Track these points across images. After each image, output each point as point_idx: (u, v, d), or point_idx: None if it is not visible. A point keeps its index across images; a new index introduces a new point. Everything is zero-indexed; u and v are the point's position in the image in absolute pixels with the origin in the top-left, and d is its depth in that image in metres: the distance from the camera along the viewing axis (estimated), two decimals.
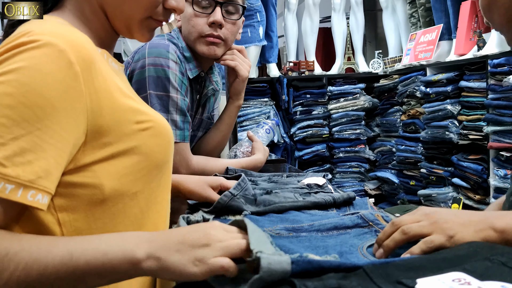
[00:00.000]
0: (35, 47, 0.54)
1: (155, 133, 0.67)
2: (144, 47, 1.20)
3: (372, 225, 0.76)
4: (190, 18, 1.24)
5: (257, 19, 3.13)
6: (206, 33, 1.23)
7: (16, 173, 0.52)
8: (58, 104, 0.55)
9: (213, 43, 1.24)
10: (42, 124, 0.54)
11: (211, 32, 1.23)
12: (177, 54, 1.22)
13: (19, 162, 0.52)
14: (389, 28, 3.53)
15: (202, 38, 1.24)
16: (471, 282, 0.47)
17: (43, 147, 0.54)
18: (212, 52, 1.26)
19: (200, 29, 1.23)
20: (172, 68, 1.17)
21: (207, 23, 1.23)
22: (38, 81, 0.53)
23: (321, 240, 0.71)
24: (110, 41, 0.74)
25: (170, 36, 1.29)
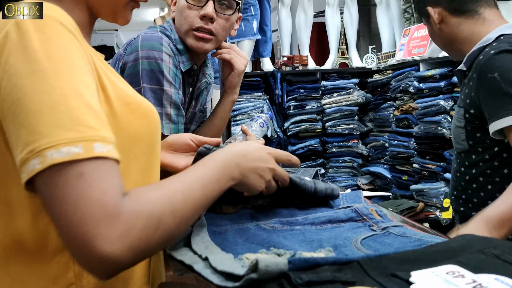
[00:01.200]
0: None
1: (142, 115, 0.68)
2: (137, 39, 1.18)
3: (366, 219, 0.76)
4: (183, 10, 1.23)
5: (251, 13, 3.12)
6: (197, 25, 1.21)
7: (106, 134, 0.53)
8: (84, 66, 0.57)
9: (202, 38, 1.23)
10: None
11: (201, 25, 1.21)
12: (170, 46, 1.21)
13: (102, 124, 0.53)
14: (383, 23, 3.53)
15: (192, 31, 1.23)
16: (465, 274, 0.47)
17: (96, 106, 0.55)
18: (200, 47, 1.24)
19: (191, 22, 1.22)
20: (166, 61, 1.16)
21: (199, 15, 1.22)
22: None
23: (315, 233, 0.71)
24: (89, 29, 0.74)
25: (162, 28, 1.28)
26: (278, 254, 0.60)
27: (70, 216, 0.48)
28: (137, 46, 1.16)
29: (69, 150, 0.49)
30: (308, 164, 3.38)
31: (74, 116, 0.51)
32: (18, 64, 0.52)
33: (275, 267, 0.48)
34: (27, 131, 0.50)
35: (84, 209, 0.48)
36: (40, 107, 0.50)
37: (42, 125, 0.50)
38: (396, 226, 0.73)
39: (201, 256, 0.62)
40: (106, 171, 0.51)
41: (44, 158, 0.49)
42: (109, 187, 0.50)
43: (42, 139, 0.49)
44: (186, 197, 0.58)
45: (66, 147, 0.49)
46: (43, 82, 0.51)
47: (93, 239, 0.48)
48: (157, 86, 1.14)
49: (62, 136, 0.50)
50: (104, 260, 0.48)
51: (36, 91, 0.51)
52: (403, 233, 0.70)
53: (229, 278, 0.54)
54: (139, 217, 0.51)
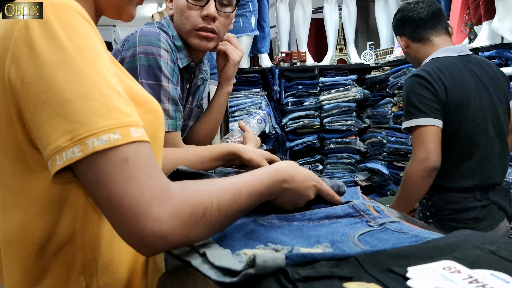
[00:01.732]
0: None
1: (148, 110, 0.68)
2: (134, 35, 1.18)
3: (364, 215, 0.76)
4: (184, 10, 1.23)
5: (250, 8, 3.11)
6: (200, 26, 1.22)
7: (137, 119, 0.55)
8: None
9: (205, 37, 1.23)
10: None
11: (204, 25, 1.22)
12: (168, 42, 1.20)
13: (132, 109, 0.55)
14: (381, 20, 3.53)
15: (195, 31, 1.23)
16: (461, 270, 0.47)
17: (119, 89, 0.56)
18: (204, 45, 1.25)
19: (193, 22, 1.22)
20: (164, 57, 1.16)
21: (201, 15, 1.22)
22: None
23: (312, 229, 0.72)
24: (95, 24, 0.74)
25: (160, 24, 1.28)
26: (275, 250, 0.60)
27: (121, 198, 0.51)
28: (135, 41, 1.16)
29: (109, 137, 0.51)
30: (306, 160, 3.39)
31: (108, 103, 0.52)
32: (45, 53, 0.52)
33: (272, 262, 0.48)
34: (63, 120, 0.51)
35: (135, 191, 0.51)
36: (74, 96, 0.51)
37: (79, 114, 0.51)
38: (393, 222, 0.73)
39: (199, 251, 0.62)
40: (147, 154, 0.54)
41: (85, 146, 0.50)
42: (155, 170, 0.53)
43: (81, 128, 0.50)
44: (234, 199, 0.60)
45: (105, 134, 0.51)
46: (74, 71, 0.52)
47: (144, 218, 0.50)
48: (155, 81, 1.14)
49: (100, 124, 0.51)
50: (153, 237, 0.51)
51: (68, 80, 0.51)
52: (400, 229, 0.70)
53: (226, 273, 0.54)
54: (187, 202, 0.53)
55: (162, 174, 0.54)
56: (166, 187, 0.53)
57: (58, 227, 0.60)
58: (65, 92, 0.51)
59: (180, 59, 1.26)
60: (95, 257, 0.63)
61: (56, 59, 0.52)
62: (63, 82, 0.51)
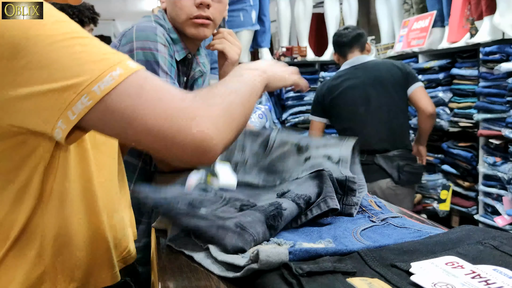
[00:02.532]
0: None
1: None
2: (131, 30, 1.18)
3: (365, 210, 0.76)
4: (176, 0, 1.22)
5: (250, 3, 3.10)
6: (194, 14, 1.21)
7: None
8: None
9: (202, 24, 1.23)
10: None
11: (199, 13, 1.21)
12: (165, 36, 1.20)
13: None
14: (382, 14, 3.52)
15: (190, 20, 1.22)
16: (464, 265, 0.47)
17: None
18: (201, 33, 1.24)
19: (187, 11, 1.22)
20: (161, 51, 1.16)
21: (194, 4, 1.21)
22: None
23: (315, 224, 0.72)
24: None
25: (156, 18, 1.27)
26: (278, 244, 0.60)
27: (160, 117, 0.53)
28: (132, 37, 1.16)
29: (112, 75, 0.51)
30: None
31: (95, 51, 0.52)
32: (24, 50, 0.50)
33: (276, 257, 0.48)
34: (59, 81, 0.50)
35: (170, 105, 0.54)
36: (57, 58, 0.50)
37: (74, 68, 0.50)
38: (395, 217, 0.73)
39: (202, 246, 0.62)
40: (153, 76, 0.56)
41: (93, 94, 0.50)
42: (171, 88, 0.56)
43: (81, 80, 0.50)
44: (249, 92, 0.67)
45: (108, 74, 0.51)
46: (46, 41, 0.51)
47: (192, 127, 0.53)
48: None
49: (97, 70, 0.51)
50: (205, 141, 0.54)
51: (51, 50, 0.50)
52: (402, 224, 0.70)
53: (229, 268, 0.55)
54: (216, 105, 0.58)
55: (176, 88, 0.57)
56: (190, 98, 0.56)
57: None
58: (56, 61, 0.51)
59: (177, 52, 1.26)
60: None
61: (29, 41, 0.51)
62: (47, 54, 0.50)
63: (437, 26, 2.90)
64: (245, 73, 0.72)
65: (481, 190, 2.47)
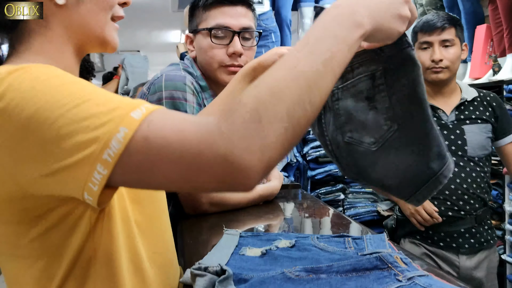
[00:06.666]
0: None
1: None
2: (160, 78, 1.21)
3: (391, 267, 0.76)
4: (208, 50, 1.26)
5: (272, 39, 3.16)
6: (227, 63, 1.25)
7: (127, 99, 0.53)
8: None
9: (234, 72, 1.26)
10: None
11: (232, 63, 1.25)
12: (194, 85, 1.23)
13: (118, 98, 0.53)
14: None
15: (222, 67, 1.26)
16: None
17: None
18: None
19: (219, 60, 1.25)
20: (190, 101, 1.19)
21: (227, 53, 1.25)
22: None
23: (340, 282, 0.72)
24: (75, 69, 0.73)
25: (184, 65, 1.31)
26: None
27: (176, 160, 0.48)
28: (161, 86, 1.19)
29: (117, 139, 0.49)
30: (327, 189, 3.36)
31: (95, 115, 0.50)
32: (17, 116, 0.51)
33: None
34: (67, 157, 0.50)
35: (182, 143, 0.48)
36: (65, 131, 0.50)
37: (78, 142, 0.50)
38: (422, 276, 0.73)
39: None
40: (163, 116, 0.51)
41: (105, 162, 0.49)
42: (179, 122, 0.50)
43: (89, 151, 0.49)
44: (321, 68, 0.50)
45: (112, 139, 0.49)
46: (51, 114, 0.50)
47: (229, 157, 0.46)
48: None
49: (102, 135, 0.49)
50: (247, 172, 0.47)
51: (49, 127, 0.50)
52: (429, 285, 0.69)
53: None
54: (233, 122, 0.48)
55: (191, 117, 0.51)
56: (214, 121, 0.48)
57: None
58: (55, 137, 0.50)
59: (205, 99, 1.29)
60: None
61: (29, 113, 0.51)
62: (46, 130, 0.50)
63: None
64: (318, 31, 0.53)
65: (507, 229, 2.41)
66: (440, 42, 1.79)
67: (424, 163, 0.71)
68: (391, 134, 0.69)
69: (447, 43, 1.79)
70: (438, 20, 1.79)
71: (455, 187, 1.78)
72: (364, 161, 0.72)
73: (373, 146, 0.70)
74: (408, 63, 0.67)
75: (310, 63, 0.50)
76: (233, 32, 1.24)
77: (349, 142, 0.72)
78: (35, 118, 0.50)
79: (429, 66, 1.78)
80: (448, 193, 1.78)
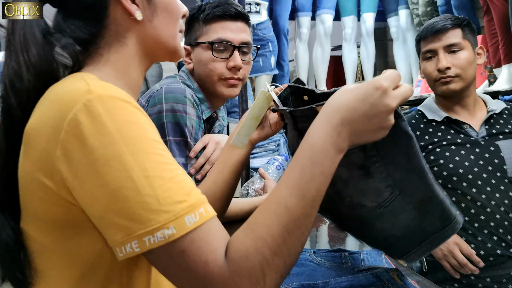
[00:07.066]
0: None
1: None
2: (160, 91, 1.21)
3: (388, 284, 0.76)
4: (208, 62, 1.27)
5: (269, 49, 3.17)
6: (227, 76, 1.26)
7: (194, 199, 0.55)
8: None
9: (233, 85, 1.28)
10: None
11: (231, 76, 1.26)
12: (194, 98, 1.24)
13: (188, 189, 0.55)
14: (400, 58, 3.56)
15: (222, 80, 1.27)
16: None
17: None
18: (232, 93, 1.29)
19: (219, 73, 1.26)
20: (190, 114, 1.19)
21: (227, 67, 1.26)
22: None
23: None
24: (140, 85, 0.76)
25: (181, 78, 1.32)
26: None
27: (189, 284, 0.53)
28: (161, 98, 1.19)
29: (163, 233, 0.52)
30: None
31: (160, 196, 0.53)
32: (97, 150, 0.53)
33: None
34: (118, 217, 0.52)
35: (194, 282, 0.53)
36: (126, 194, 0.52)
37: (132, 211, 0.52)
38: None
39: None
40: (204, 238, 0.54)
41: (142, 243, 0.52)
42: (209, 254, 0.53)
43: (136, 226, 0.52)
44: (287, 228, 0.55)
45: (159, 231, 0.52)
46: (125, 167, 0.53)
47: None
48: (181, 138, 1.17)
49: (154, 221, 0.52)
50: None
51: (119, 177, 0.52)
52: None
53: None
54: (242, 276, 0.53)
55: (218, 252, 0.54)
56: (220, 270, 0.53)
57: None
58: (118, 190, 0.52)
59: (203, 111, 1.29)
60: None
61: (107, 155, 0.53)
62: (115, 180, 0.52)
63: None
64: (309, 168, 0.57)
65: None
66: (445, 47, 1.52)
67: (429, 222, 0.69)
68: (394, 198, 0.67)
69: (453, 48, 1.52)
70: (439, 22, 1.54)
71: (501, 217, 1.43)
72: (366, 219, 0.71)
73: (377, 209, 0.69)
74: (399, 135, 0.64)
75: (302, 210, 0.56)
76: (233, 47, 1.25)
77: (350, 205, 0.71)
78: (108, 163, 0.53)
79: (437, 77, 1.53)
80: (494, 225, 1.43)
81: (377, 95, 0.58)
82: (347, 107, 0.58)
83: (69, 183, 0.54)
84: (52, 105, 0.57)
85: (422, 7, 3.10)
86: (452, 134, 1.55)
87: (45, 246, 0.61)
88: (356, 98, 0.58)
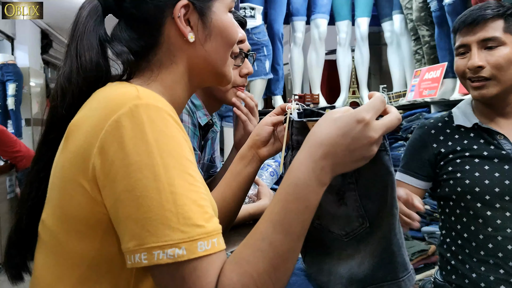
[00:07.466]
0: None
1: None
2: None
3: None
4: None
5: (264, 53, 3.18)
6: (239, 84, 1.28)
7: (212, 227, 0.55)
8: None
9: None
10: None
11: (243, 83, 1.28)
12: (189, 105, 1.24)
13: (208, 217, 0.56)
14: (394, 63, 3.57)
15: (234, 88, 1.29)
16: None
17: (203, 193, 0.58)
18: (237, 100, 1.31)
19: (233, 82, 1.28)
20: (185, 121, 1.19)
21: (240, 74, 1.27)
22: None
23: None
24: (185, 102, 0.76)
25: None
26: None
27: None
28: None
29: (174, 252, 0.52)
30: None
31: (180, 215, 0.53)
32: (133, 155, 0.54)
33: None
34: (136, 225, 0.53)
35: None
36: (150, 203, 0.53)
37: (150, 222, 0.53)
38: None
39: None
40: (205, 269, 0.54)
41: (151, 256, 0.52)
42: (205, 286, 0.54)
43: (150, 237, 0.52)
44: (272, 264, 0.56)
45: (171, 248, 0.52)
46: (155, 178, 0.53)
47: None
48: None
49: (168, 237, 0.52)
50: None
51: (147, 186, 0.53)
52: None
53: None
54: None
55: (211, 285, 0.54)
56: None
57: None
58: (143, 198, 0.53)
59: (199, 118, 1.29)
60: None
61: (141, 163, 0.54)
62: (143, 188, 0.53)
63: (449, 77, 2.93)
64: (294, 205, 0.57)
65: None
66: (479, 42, 1.24)
67: (391, 265, 0.67)
68: (363, 229, 0.67)
69: (490, 43, 1.23)
70: (477, 11, 1.24)
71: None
72: (328, 245, 0.72)
73: (344, 238, 0.69)
74: (380, 168, 0.63)
75: (287, 245, 0.56)
76: (245, 54, 1.27)
77: (317, 228, 0.72)
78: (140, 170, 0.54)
79: (467, 77, 1.28)
80: (502, 256, 1.21)
81: (359, 129, 0.58)
82: (329, 141, 0.58)
83: (100, 181, 0.55)
84: (99, 105, 0.59)
85: (416, 12, 3.11)
86: (480, 144, 1.29)
87: (59, 241, 0.61)
88: (337, 132, 0.58)
